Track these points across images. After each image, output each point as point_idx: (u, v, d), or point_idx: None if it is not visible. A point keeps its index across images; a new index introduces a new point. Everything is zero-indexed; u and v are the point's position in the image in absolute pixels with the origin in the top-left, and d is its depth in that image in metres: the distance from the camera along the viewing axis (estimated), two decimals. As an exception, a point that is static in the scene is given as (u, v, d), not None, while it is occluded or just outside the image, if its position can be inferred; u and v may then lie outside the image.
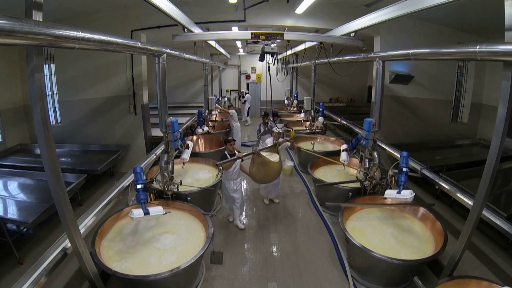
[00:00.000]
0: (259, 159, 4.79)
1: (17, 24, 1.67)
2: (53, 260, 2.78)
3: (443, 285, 3.21)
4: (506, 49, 2.42)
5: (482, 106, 9.10)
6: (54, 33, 1.85)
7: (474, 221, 3.22)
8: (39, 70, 2.09)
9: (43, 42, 1.82)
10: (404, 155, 4.10)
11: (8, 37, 1.63)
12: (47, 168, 2.32)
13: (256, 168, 4.83)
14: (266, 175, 4.93)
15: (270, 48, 5.21)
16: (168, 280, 3.34)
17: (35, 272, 2.66)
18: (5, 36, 1.61)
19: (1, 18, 1.56)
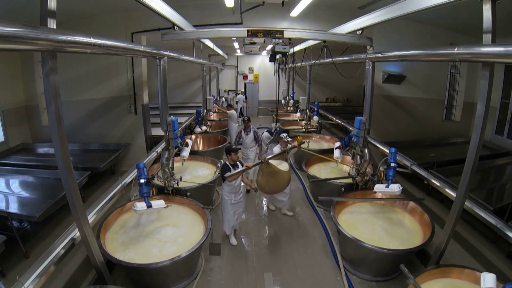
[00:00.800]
0: (268, 168, 4.48)
1: (38, 32, 1.88)
2: (62, 249, 2.98)
3: (428, 273, 3.43)
4: (482, 51, 2.63)
5: (474, 105, 9.32)
6: (69, 39, 2.07)
7: (457, 212, 3.45)
8: (54, 72, 2.30)
9: (59, 48, 2.03)
10: (393, 151, 4.33)
11: (27, 44, 1.83)
12: (59, 161, 2.53)
13: (265, 178, 4.50)
14: (276, 185, 4.63)
15: (282, 47, 4.95)
16: (169, 268, 3.55)
17: (45, 261, 2.85)
18: (24, 43, 1.81)
19: (22, 27, 1.76)
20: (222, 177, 4.58)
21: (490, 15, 2.67)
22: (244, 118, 6.89)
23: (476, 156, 3.14)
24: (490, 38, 2.69)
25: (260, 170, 4.57)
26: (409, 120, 8.64)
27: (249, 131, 6.77)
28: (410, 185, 6.92)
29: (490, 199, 5.43)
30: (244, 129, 6.84)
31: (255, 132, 6.78)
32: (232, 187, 4.65)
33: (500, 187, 6.32)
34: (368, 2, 6.23)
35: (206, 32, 5.46)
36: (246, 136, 6.78)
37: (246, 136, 6.76)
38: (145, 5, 3.43)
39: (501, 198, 5.72)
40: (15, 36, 1.68)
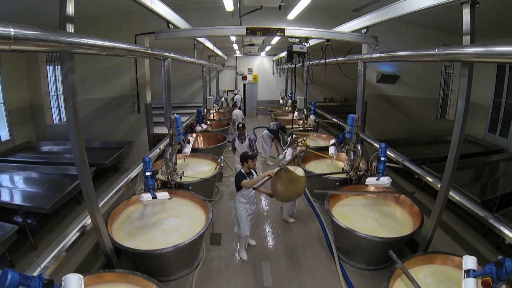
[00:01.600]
0: (287, 175, 4.16)
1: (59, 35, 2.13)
2: (74, 235, 3.24)
3: (415, 259, 3.65)
4: (459, 52, 2.89)
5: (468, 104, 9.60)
6: (87, 42, 2.32)
7: (442, 201, 3.68)
8: (72, 71, 2.55)
9: (78, 50, 2.29)
10: (383, 146, 4.59)
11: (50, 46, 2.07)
12: (75, 153, 2.79)
13: (284, 186, 4.16)
14: (295, 192, 4.32)
15: (299, 47, 4.66)
16: (173, 255, 3.79)
17: (58, 245, 3.10)
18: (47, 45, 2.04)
19: (48, 31, 2.01)
20: (237, 186, 4.30)
21: (469, 18, 2.93)
22: (239, 125, 6.51)
23: (458, 147, 3.37)
24: (469, 39, 2.95)
25: (277, 177, 4.19)
26: (404, 119, 8.89)
27: (243, 139, 6.48)
28: (405, 182, 7.17)
29: (480, 193, 5.68)
30: (238, 136, 6.54)
31: (251, 140, 6.50)
32: (248, 197, 4.38)
33: (492, 182, 6.61)
34: (363, 4, 6.47)
35: (202, 31, 5.18)
36: (240, 144, 6.50)
37: (241, 144, 6.50)
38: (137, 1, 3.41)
39: (491, 192, 5.99)
40: (40, 39, 1.92)
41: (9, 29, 1.54)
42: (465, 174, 6.61)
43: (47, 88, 9.02)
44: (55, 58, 8.75)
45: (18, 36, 1.59)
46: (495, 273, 2.44)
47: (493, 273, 2.44)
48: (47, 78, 9.01)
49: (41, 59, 8.74)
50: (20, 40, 1.61)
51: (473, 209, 4.14)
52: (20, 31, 1.62)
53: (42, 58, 8.75)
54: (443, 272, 3.50)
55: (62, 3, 2.43)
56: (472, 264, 2.68)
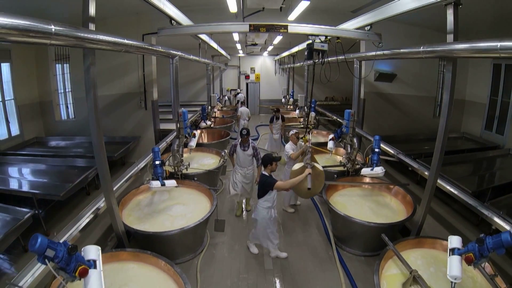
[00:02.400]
0: (314, 171, 4.37)
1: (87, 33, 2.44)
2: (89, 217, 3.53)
3: (406, 242, 3.91)
4: (442, 49, 3.19)
5: (465, 102, 9.78)
6: (109, 40, 2.63)
7: (430, 188, 3.97)
8: (93, 65, 2.86)
9: (101, 47, 2.60)
10: (377, 138, 4.88)
11: (81, 42, 2.38)
12: (94, 139, 3.10)
13: (312, 182, 4.29)
14: (319, 186, 4.52)
15: (320, 45, 4.61)
16: (179, 237, 4.09)
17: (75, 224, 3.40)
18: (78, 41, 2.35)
19: (78, 30, 2.32)
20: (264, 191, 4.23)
21: (453, 18, 3.21)
22: (242, 132, 5.59)
23: (444, 138, 3.66)
24: (452, 37, 3.23)
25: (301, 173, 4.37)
26: (401, 117, 9.14)
27: (247, 147, 5.55)
28: (400, 176, 7.45)
29: (472, 185, 5.92)
30: (240, 144, 5.57)
31: (255, 148, 5.59)
32: (272, 200, 4.33)
33: (485, 175, 6.90)
34: (360, 6, 6.75)
35: (205, 27, 5.05)
36: (242, 152, 5.55)
37: (243, 152, 5.55)
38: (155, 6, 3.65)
39: (482, 184, 6.23)
40: (73, 36, 2.23)
41: (51, 26, 1.84)
42: (460, 169, 6.88)
43: (55, 86, 9.35)
44: (64, 57, 9.08)
45: (58, 32, 1.89)
46: (477, 250, 2.62)
47: (476, 250, 2.63)
48: (56, 75, 9.34)
49: (50, 57, 9.07)
50: (58, 36, 1.91)
51: (464, 198, 4.36)
52: (59, 28, 1.92)
53: (51, 56, 9.07)
54: (432, 255, 3.72)
55: (85, 4, 2.73)
56: (456, 243, 2.86)
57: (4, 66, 8.09)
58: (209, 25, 4.78)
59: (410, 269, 3.28)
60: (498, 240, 2.52)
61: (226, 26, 4.72)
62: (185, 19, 4.64)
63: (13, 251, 4.73)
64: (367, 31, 4.69)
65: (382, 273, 3.46)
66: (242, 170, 5.61)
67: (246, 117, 10.78)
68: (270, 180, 4.19)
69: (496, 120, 8.80)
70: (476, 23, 7.05)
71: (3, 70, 8.07)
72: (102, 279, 2.35)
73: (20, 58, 8.50)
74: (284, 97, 15.42)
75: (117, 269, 3.41)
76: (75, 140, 8.84)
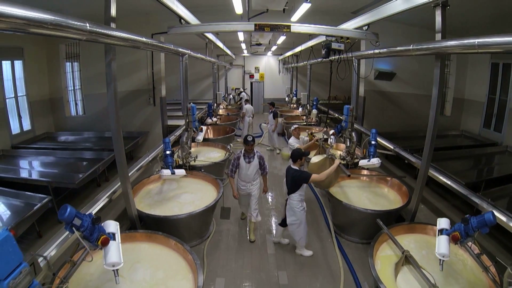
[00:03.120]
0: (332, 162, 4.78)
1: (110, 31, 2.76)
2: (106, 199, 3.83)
3: (400, 227, 4.18)
4: (427, 46, 3.50)
5: (464, 101, 10.02)
6: (130, 37, 2.95)
7: (422, 176, 4.24)
8: (114, 60, 3.18)
9: (123, 44, 2.92)
10: (373, 132, 5.17)
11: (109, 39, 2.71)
12: (113, 127, 3.42)
13: (334, 174, 4.67)
14: (337, 176, 5.02)
15: (337, 45, 4.83)
16: (188, 221, 4.39)
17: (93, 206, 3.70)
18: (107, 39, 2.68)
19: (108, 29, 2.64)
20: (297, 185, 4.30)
21: (440, 19, 3.50)
22: (247, 138, 4.74)
23: (434, 130, 3.94)
24: (440, 35, 3.51)
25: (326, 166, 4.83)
26: (401, 114, 9.38)
27: (252, 157, 4.79)
28: (399, 170, 7.70)
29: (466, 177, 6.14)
30: (244, 155, 4.81)
31: (261, 158, 4.89)
32: (304, 193, 4.42)
33: (480, 170, 7.20)
34: (361, 7, 7.02)
35: (213, 26, 5.29)
36: (247, 165, 4.78)
37: (248, 165, 4.78)
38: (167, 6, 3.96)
39: (477, 177, 6.55)
40: (104, 33, 2.55)
41: (86, 24, 2.16)
42: (458, 164, 7.19)
43: (66, 83, 9.72)
44: (74, 55, 9.45)
45: (91, 30, 2.21)
46: (463, 229, 2.86)
47: (461, 229, 2.87)
48: (66, 73, 9.71)
49: (61, 55, 9.45)
50: (92, 33, 2.23)
51: (456, 187, 4.58)
52: (93, 26, 2.24)
53: (62, 54, 9.46)
54: (425, 240, 3.99)
55: (106, 6, 3.05)
56: (445, 224, 3.12)
57: (16, 63, 8.50)
58: (217, 24, 5.07)
59: (402, 249, 3.56)
60: (482, 220, 2.73)
61: (233, 25, 5.01)
62: (194, 19, 4.95)
63: (28, 237, 4.99)
64: (365, 30, 4.94)
65: (376, 255, 3.74)
66: (246, 186, 4.90)
67: (250, 114, 11.09)
68: (305, 174, 4.26)
69: (494, 118, 9.02)
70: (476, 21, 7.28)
71: (15, 67, 8.46)
72: (120, 250, 2.65)
73: (32, 56, 8.87)
74: (288, 96, 15.71)
75: (130, 249, 3.69)
76: (84, 135, 9.26)
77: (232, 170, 4.84)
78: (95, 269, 3.24)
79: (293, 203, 4.37)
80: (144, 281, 3.20)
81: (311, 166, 4.91)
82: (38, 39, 8.99)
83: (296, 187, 4.29)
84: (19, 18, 1.65)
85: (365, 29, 4.97)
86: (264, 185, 5.11)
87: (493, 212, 2.76)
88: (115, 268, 2.60)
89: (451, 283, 3.31)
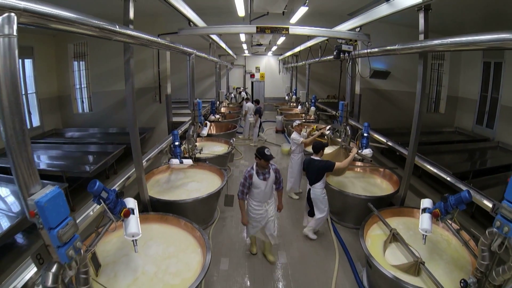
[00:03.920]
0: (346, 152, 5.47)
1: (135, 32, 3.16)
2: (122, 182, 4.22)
3: (389, 210, 4.55)
4: (410, 46, 3.93)
5: (458, 99, 10.40)
6: (146, 37, 3.35)
7: (410, 164, 4.63)
8: (132, 57, 3.58)
9: (139, 42, 3.32)
10: (366, 125, 5.56)
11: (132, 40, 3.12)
12: (130, 118, 3.83)
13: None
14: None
15: (347, 47, 5.28)
16: (194, 205, 4.78)
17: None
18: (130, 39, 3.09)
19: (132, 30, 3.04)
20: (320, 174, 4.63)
21: (423, 21, 3.89)
22: (265, 152, 3.78)
23: (419, 122, 4.32)
24: (423, 36, 3.91)
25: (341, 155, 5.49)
26: (396, 111, 9.76)
27: (267, 172, 3.99)
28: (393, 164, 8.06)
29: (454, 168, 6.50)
30: (258, 171, 3.97)
31: (277, 170, 4.12)
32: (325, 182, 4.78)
33: (470, 163, 7.64)
34: (356, 9, 7.40)
35: (218, 28, 5.72)
36: (263, 183, 3.95)
37: (264, 183, 3.96)
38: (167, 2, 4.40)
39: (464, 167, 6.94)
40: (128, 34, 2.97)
41: (115, 25, 2.56)
42: (450, 157, 7.65)
43: (73, 81, 10.13)
44: (81, 54, 9.86)
45: (120, 32, 2.61)
46: (442, 207, 3.18)
47: (441, 207, 3.19)
48: (74, 72, 10.11)
49: (69, 54, 9.86)
50: (120, 34, 2.63)
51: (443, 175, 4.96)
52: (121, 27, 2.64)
53: (70, 53, 9.87)
54: (412, 222, 4.34)
55: (125, 9, 3.47)
56: (427, 204, 3.46)
57: (27, 62, 8.93)
58: (222, 27, 5.57)
59: (390, 228, 3.95)
60: (458, 197, 3.08)
61: (237, 28, 5.52)
62: (201, 22, 5.38)
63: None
64: (358, 32, 5.35)
65: (367, 234, 4.14)
66: (261, 207, 4.11)
67: (252, 112, 11.48)
68: (330, 163, 4.55)
69: (486, 115, 9.36)
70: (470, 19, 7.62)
71: (26, 66, 8.90)
72: (139, 223, 3.04)
73: (41, 55, 9.27)
74: (288, 95, 16.11)
75: (143, 229, 3.93)
76: (89, 131, 9.71)
77: (244, 192, 3.99)
78: (111, 247, 3.66)
79: (317, 191, 4.69)
80: (157, 255, 3.58)
81: (326, 156, 5.26)
82: (48, 39, 9.40)
83: (321, 176, 4.62)
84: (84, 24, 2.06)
85: (358, 31, 5.38)
86: (279, 202, 4.38)
87: (468, 191, 3.10)
88: (135, 238, 2.99)
89: (435, 258, 3.67)
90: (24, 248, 4.84)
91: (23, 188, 1.82)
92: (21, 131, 1.71)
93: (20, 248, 4.82)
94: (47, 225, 1.82)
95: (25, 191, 1.82)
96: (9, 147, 1.72)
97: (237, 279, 4.15)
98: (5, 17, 1.59)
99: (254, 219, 4.18)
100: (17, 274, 2.31)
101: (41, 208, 1.76)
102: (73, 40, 9.62)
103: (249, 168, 4.07)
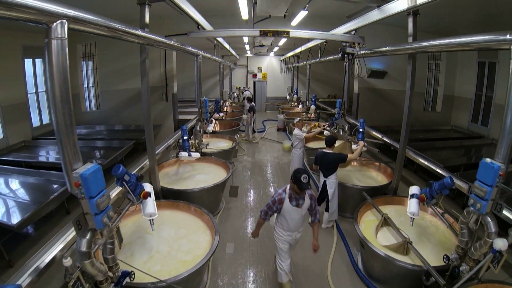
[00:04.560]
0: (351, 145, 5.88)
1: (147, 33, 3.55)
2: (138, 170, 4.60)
3: (382, 199, 4.92)
4: (399, 48, 4.26)
5: (454, 98, 10.73)
6: (160, 40, 3.74)
7: (401, 157, 4.98)
8: (147, 57, 3.96)
9: (151, 44, 3.71)
10: (361, 121, 5.92)
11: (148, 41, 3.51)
12: (144, 113, 4.22)
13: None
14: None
15: (351, 49, 5.74)
16: (202, 194, 5.12)
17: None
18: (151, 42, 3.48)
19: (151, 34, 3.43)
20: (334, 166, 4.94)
21: (412, 25, 4.25)
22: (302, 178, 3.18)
23: (408, 117, 4.69)
24: (412, 39, 4.27)
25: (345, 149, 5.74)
26: (393, 110, 10.04)
27: (302, 198, 3.44)
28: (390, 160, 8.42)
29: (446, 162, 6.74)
30: (291, 196, 3.42)
31: (313, 197, 3.55)
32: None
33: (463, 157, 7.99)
34: (355, 12, 7.73)
35: (224, 32, 6.28)
36: (294, 210, 3.42)
37: (298, 210, 3.44)
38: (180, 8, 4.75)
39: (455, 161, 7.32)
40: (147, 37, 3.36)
41: (138, 30, 2.94)
42: (445, 152, 8.03)
43: (82, 80, 10.50)
44: (89, 55, 10.24)
45: (144, 36, 3.00)
46: (428, 192, 3.48)
47: (427, 192, 3.49)
48: (82, 71, 10.47)
49: (78, 54, 10.21)
50: (144, 37, 3.01)
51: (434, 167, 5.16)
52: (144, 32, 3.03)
53: (78, 54, 10.22)
54: (403, 210, 4.53)
55: (142, 14, 3.85)
56: (415, 190, 3.74)
57: (37, 61, 9.24)
58: (228, 30, 5.98)
59: (382, 213, 4.31)
60: (441, 183, 3.39)
61: (241, 31, 5.90)
62: (208, 25, 5.78)
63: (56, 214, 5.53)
64: (353, 35, 5.72)
65: (361, 219, 4.51)
66: (291, 237, 3.61)
67: (245, 110, 11.86)
68: (343, 155, 4.92)
69: (481, 113, 9.69)
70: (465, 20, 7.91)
71: (37, 65, 9.22)
72: (155, 204, 3.41)
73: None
74: (289, 94, 16.48)
75: None
76: (97, 128, 10.10)
77: (268, 214, 3.57)
78: (127, 230, 4.02)
79: (332, 181, 5.03)
80: (169, 237, 3.96)
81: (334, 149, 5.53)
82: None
83: (335, 168, 4.97)
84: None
85: (353, 34, 5.74)
86: (315, 238, 3.61)
87: (451, 177, 3.42)
88: (152, 218, 3.36)
89: (423, 241, 4.03)
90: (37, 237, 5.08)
91: (67, 164, 2.19)
92: (69, 117, 2.10)
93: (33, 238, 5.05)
94: (88, 194, 2.20)
95: (69, 167, 2.20)
96: (58, 130, 2.10)
97: (241, 261, 4.53)
98: (59, 23, 1.97)
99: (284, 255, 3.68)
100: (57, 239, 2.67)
101: (85, 179, 2.14)
102: (81, 41, 9.98)
103: (281, 190, 3.50)
